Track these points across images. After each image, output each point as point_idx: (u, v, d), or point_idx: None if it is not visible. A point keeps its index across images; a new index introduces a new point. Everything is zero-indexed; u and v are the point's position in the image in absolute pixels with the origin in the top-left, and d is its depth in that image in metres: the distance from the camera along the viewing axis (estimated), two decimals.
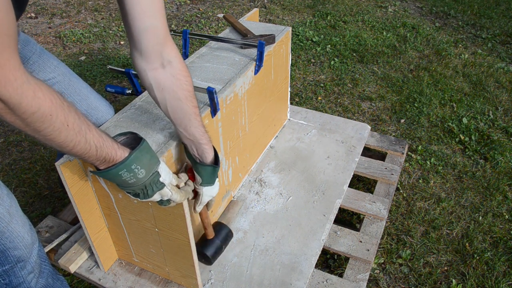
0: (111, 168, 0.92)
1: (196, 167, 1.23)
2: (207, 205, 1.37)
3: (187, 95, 1.11)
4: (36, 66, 1.32)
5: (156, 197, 1.04)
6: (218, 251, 1.47)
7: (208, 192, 1.28)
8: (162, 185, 1.04)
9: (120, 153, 0.93)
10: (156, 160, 1.01)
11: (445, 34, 3.64)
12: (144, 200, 1.03)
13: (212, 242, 1.45)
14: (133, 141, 1.03)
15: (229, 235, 1.52)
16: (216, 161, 1.24)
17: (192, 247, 1.29)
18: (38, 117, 0.76)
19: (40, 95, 0.76)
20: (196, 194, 1.29)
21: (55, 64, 1.38)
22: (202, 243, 1.46)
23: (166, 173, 1.06)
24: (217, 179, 1.30)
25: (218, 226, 1.50)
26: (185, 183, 1.21)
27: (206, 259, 1.45)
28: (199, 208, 1.31)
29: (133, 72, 1.55)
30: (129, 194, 1.03)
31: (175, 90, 1.09)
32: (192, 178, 1.26)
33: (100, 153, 0.90)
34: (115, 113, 1.44)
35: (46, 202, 2.03)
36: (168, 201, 1.09)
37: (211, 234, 1.45)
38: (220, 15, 3.94)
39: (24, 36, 1.31)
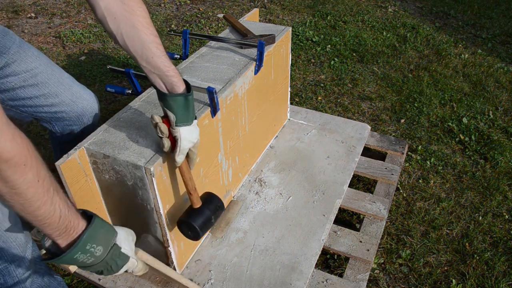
0: (64, 254, 0.83)
1: (166, 103, 1.08)
2: (189, 160, 1.19)
3: (142, 21, 1.04)
4: (17, 56, 1.28)
5: (123, 270, 0.98)
6: (207, 222, 1.24)
7: (187, 135, 1.11)
8: (127, 257, 0.96)
9: (82, 224, 0.86)
10: (112, 232, 0.94)
11: (445, 34, 3.64)
12: (110, 275, 0.95)
13: (200, 211, 1.23)
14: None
15: (219, 205, 1.30)
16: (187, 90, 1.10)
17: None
18: (12, 165, 0.69)
19: (18, 141, 0.70)
20: (174, 142, 1.12)
21: (36, 54, 1.35)
22: (188, 213, 1.25)
23: (127, 243, 0.97)
24: (195, 121, 1.14)
25: (206, 195, 1.32)
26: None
27: (193, 232, 1.24)
28: (179, 158, 1.12)
29: (133, 72, 1.55)
30: (93, 273, 0.96)
31: (127, 16, 1.02)
32: (167, 124, 1.11)
33: (62, 222, 0.82)
34: (115, 113, 1.44)
35: None
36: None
37: (197, 202, 1.25)
38: (220, 15, 3.94)
39: (2, 27, 1.28)
